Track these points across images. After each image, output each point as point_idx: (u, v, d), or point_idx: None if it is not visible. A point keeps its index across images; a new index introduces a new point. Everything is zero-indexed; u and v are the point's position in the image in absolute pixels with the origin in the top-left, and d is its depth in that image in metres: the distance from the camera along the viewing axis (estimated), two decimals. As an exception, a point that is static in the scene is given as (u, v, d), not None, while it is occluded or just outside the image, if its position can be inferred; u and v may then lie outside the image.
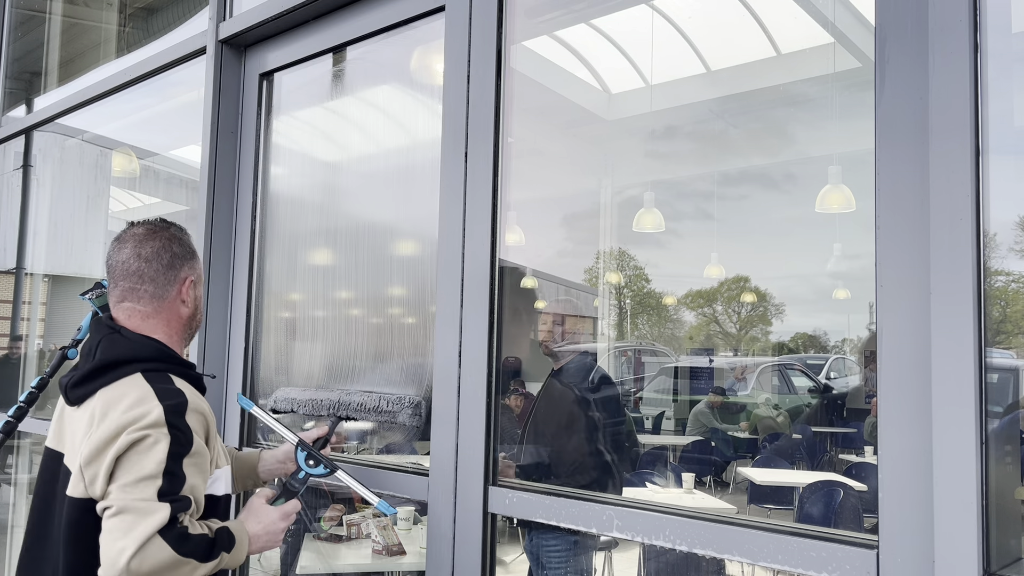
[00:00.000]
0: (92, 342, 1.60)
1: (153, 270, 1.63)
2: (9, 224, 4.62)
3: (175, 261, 1.66)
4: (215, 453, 1.60)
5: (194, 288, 1.69)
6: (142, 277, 1.63)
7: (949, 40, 1.31)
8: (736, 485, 5.62)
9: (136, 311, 1.63)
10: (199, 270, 1.73)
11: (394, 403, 2.17)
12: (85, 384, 1.54)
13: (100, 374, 1.53)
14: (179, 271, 1.66)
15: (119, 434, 1.43)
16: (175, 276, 1.66)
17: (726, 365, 6.81)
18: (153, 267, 1.63)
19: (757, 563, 1.49)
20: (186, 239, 1.73)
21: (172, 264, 1.65)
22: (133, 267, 1.63)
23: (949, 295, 1.27)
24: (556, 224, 4.23)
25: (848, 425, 6.21)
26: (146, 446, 1.43)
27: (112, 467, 1.42)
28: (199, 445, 1.50)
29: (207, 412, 1.56)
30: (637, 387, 6.68)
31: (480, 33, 2.06)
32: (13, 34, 4.53)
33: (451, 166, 2.08)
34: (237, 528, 1.59)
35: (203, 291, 1.77)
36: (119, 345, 1.56)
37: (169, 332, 1.66)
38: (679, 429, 6.40)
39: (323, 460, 1.83)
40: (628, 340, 6.60)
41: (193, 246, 1.74)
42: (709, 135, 4.79)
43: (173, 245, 1.67)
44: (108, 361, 1.54)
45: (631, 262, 5.83)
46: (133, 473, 1.41)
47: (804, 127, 4.41)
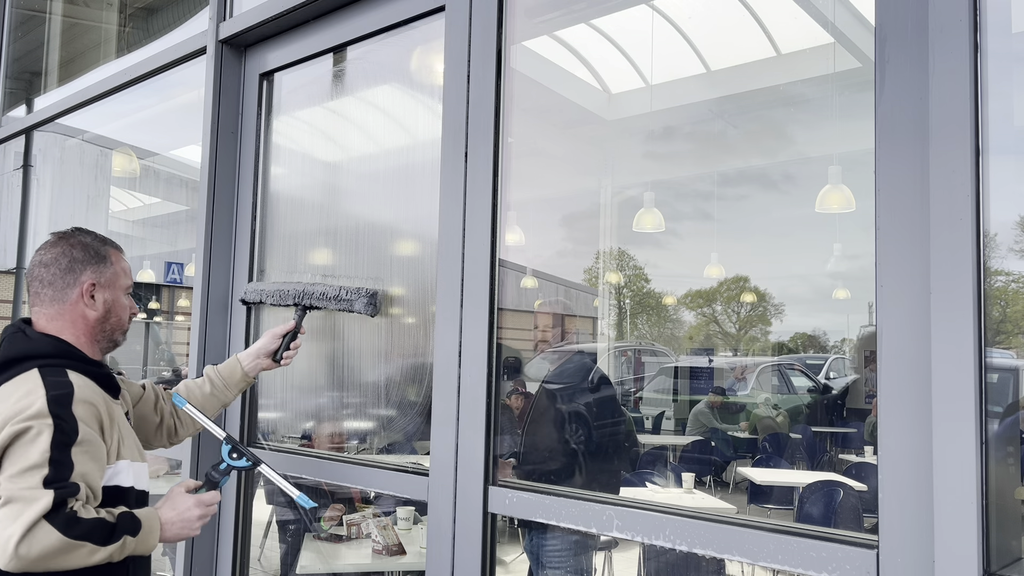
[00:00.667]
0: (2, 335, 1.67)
1: (51, 275, 1.70)
2: (9, 224, 4.62)
3: (74, 265, 1.71)
4: (113, 445, 1.63)
5: (102, 291, 1.73)
6: (42, 282, 1.71)
7: (949, 40, 1.31)
8: (736, 485, 5.62)
9: (41, 314, 1.72)
10: (108, 274, 1.75)
11: (352, 292, 2.30)
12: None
13: (1, 371, 1.60)
14: (79, 275, 1.71)
15: (3, 427, 1.49)
16: (74, 280, 1.71)
17: (726, 365, 6.82)
18: (51, 272, 1.71)
19: (757, 563, 1.49)
20: (94, 245, 1.75)
21: (71, 268, 1.71)
22: (36, 273, 1.72)
23: (949, 295, 1.27)
24: (556, 224, 4.24)
25: (848, 425, 6.21)
26: (30, 437, 1.48)
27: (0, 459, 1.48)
28: (88, 434, 1.54)
29: (100, 404, 1.60)
30: (637, 387, 6.68)
31: (480, 33, 2.06)
32: (13, 34, 4.53)
33: (451, 166, 2.08)
34: (146, 514, 1.62)
35: (119, 296, 1.75)
36: (19, 343, 1.65)
37: (76, 333, 1.71)
38: (679, 429, 6.41)
39: (247, 454, 1.84)
40: (628, 340, 6.60)
41: (104, 252, 1.76)
42: (709, 135, 4.79)
43: (74, 251, 1.72)
44: (9, 357, 1.62)
45: (631, 262, 5.83)
46: (19, 464, 1.47)
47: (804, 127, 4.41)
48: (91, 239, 1.76)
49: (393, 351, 2.40)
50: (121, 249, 1.85)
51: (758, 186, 5.08)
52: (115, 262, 1.78)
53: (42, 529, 1.43)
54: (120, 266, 1.79)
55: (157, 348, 6.25)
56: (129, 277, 1.82)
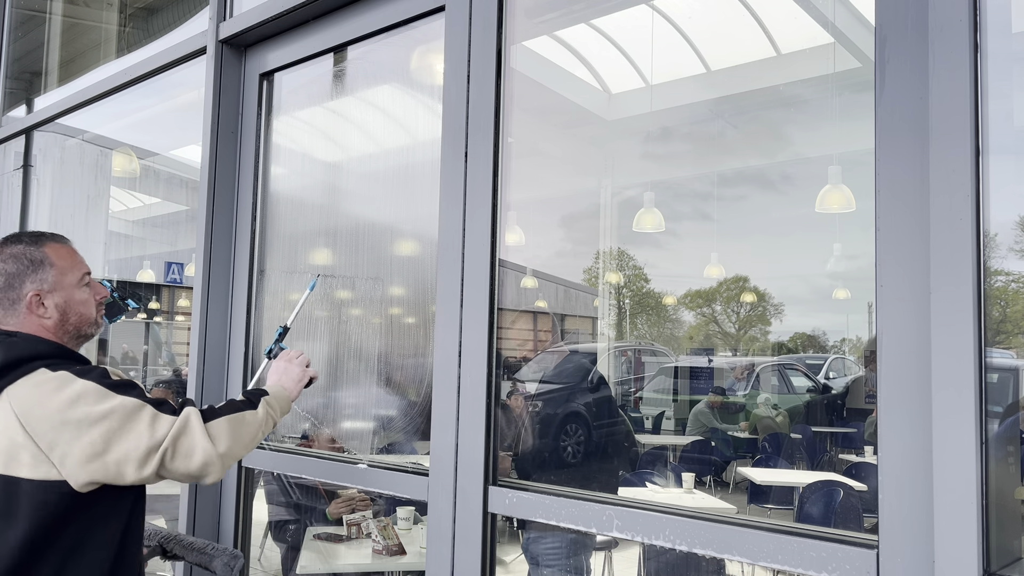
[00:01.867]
0: None
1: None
2: (9, 224, 4.62)
3: (12, 281, 1.61)
4: None
5: (50, 297, 1.63)
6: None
7: (949, 40, 1.31)
8: (736, 485, 5.62)
9: (9, 325, 1.64)
10: (50, 278, 1.64)
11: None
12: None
13: (3, 374, 1.53)
14: (20, 289, 1.61)
15: (87, 420, 1.49)
16: (17, 295, 1.61)
17: (725, 365, 6.82)
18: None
19: (757, 563, 1.49)
20: (26, 252, 1.63)
21: (10, 284, 1.61)
22: None
23: (949, 295, 1.27)
24: (556, 224, 4.24)
25: (848, 425, 6.21)
26: (120, 414, 1.51)
27: (108, 443, 1.49)
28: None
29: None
30: (637, 387, 6.68)
31: (480, 33, 2.06)
32: (13, 34, 4.53)
33: (451, 166, 2.08)
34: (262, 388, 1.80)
35: (71, 293, 1.67)
36: (18, 346, 1.57)
37: (47, 337, 1.64)
38: (679, 429, 6.40)
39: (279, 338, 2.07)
40: (627, 340, 6.60)
41: (39, 255, 1.64)
42: (709, 135, 4.79)
43: (6, 265, 1.62)
44: (10, 360, 1.54)
45: (630, 262, 5.83)
46: (136, 429, 1.51)
47: (804, 127, 4.41)
48: (23, 245, 1.63)
49: (393, 351, 2.40)
50: (61, 239, 1.71)
51: (758, 186, 5.08)
52: (55, 260, 1.65)
53: (211, 427, 1.59)
54: (62, 263, 1.66)
55: (157, 348, 6.25)
56: (77, 267, 1.70)
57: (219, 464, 1.59)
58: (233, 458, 1.64)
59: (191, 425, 1.58)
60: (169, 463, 1.54)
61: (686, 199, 5.35)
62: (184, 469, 1.56)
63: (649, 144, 4.94)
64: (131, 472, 1.51)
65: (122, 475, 1.51)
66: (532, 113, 2.32)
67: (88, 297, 1.69)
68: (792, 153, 4.71)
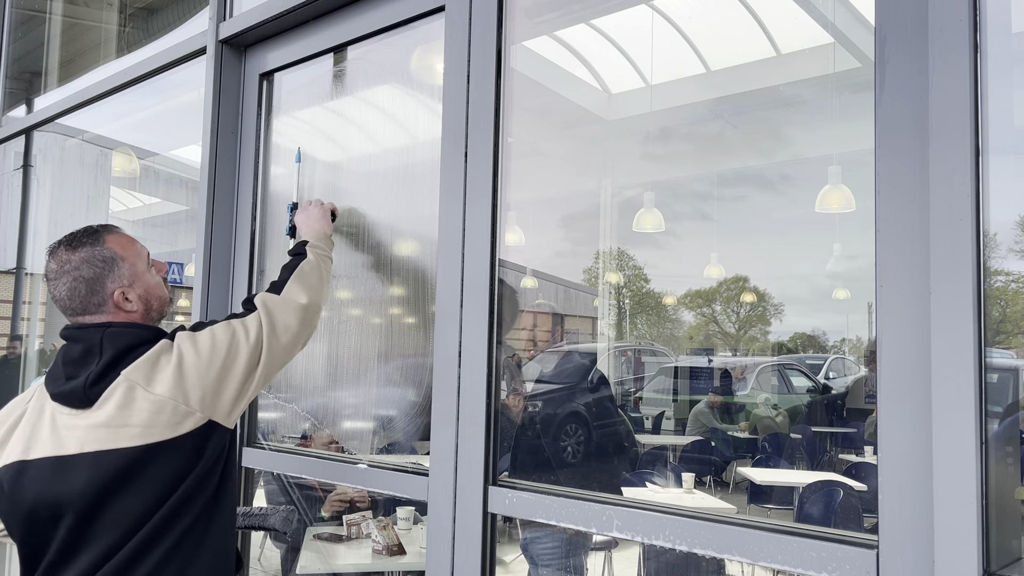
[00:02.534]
0: (85, 344, 1.61)
1: (81, 304, 1.64)
2: (9, 224, 4.62)
3: (94, 286, 1.64)
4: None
5: (132, 290, 1.67)
6: (75, 311, 1.65)
7: (949, 40, 1.31)
8: (736, 485, 5.62)
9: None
10: (126, 271, 1.67)
11: None
12: (105, 376, 1.56)
13: (119, 361, 1.58)
14: (102, 293, 1.65)
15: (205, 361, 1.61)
16: (103, 298, 1.65)
17: (726, 365, 6.82)
18: (77, 301, 1.64)
19: (757, 563, 1.49)
20: (95, 253, 1.65)
21: (92, 290, 1.64)
22: (65, 305, 1.66)
23: (949, 295, 1.27)
24: (556, 224, 4.24)
25: (848, 425, 6.21)
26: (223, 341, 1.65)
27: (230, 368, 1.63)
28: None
29: None
30: (637, 387, 6.67)
31: (480, 33, 2.06)
32: (13, 34, 4.53)
33: (451, 166, 2.08)
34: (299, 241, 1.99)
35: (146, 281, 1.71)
36: (126, 335, 1.62)
37: (140, 323, 1.70)
38: (679, 429, 6.40)
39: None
40: (627, 340, 6.60)
41: (107, 253, 1.66)
42: (708, 135, 4.79)
43: (82, 271, 1.64)
44: (120, 349, 1.59)
45: (630, 262, 5.83)
46: (240, 344, 1.65)
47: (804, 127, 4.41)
48: (87, 248, 1.66)
49: (393, 351, 2.40)
50: (114, 229, 1.74)
51: (757, 186, 5.08)
52: (123, 253, 1.68)
53: (286, 294, 1.79)
54: (128, 253, 1.69)
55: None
56: (140, 252, 1.73)
57: (311, 314, 1.79)
58: (318, 304, 1.83)
59: (270, 306, 1.74)
60: (277, 345, 1.70)
61: (686, 199, 5.35)
62: (290, 341, 1.73)
63: (649, 144, 4.94)
64: (258, 375, 1.67)
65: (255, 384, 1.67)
66: (532, 113, 2.32)
67: (159, 280, 1.77)
68: (792, 153, 4.71)
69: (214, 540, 1.62)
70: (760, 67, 4.28)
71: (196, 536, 1.58)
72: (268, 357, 1.68)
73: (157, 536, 1.53)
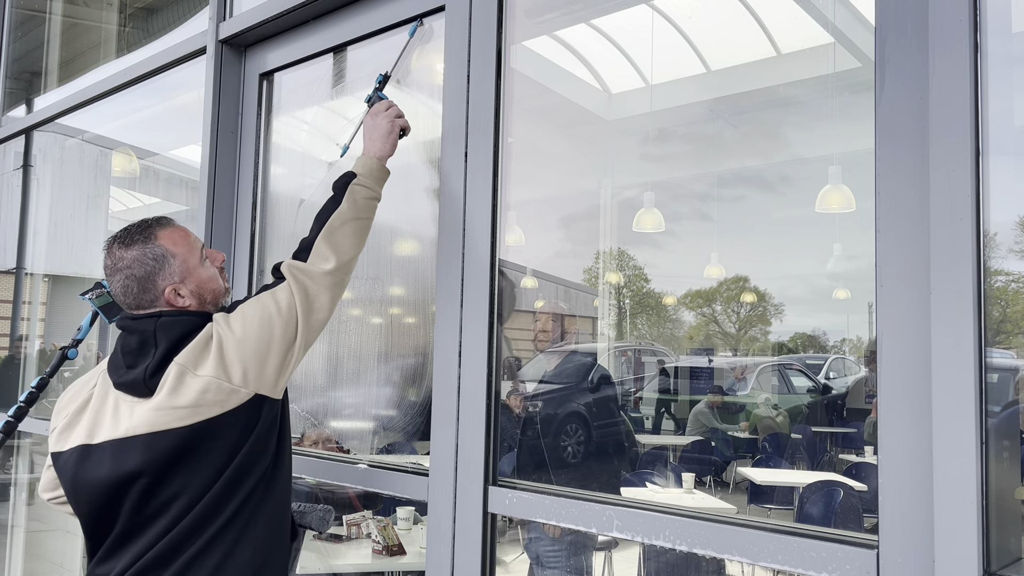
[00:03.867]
0: (140, 336, 1.66)
1: (136, 300, 1.69)
2: (9, 224, 4.62)
3: (146, 284, 1.68)
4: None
5: (185, 286, 1.70)
6: (130, 306, 1.70)
7: (949, 40, 1.31)
8: (736, 485, 5.62)
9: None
10: (177, 268, 1.69)
11: None
12: (162, 366, 1.61)
13: (174, 351, 1.62)
14: (154, 290, 1.68)
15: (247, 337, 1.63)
16: (156, 295, 1.68)
17: (726, 365, 6.81)
18: (131, 298, 1.69)
19: (757, 563, 1.49)
20: (145, 251, 1.68)
21: (145, 288, 1.68)
22: (122, 301, 1.71)
23: (949, 295, 1.27)
24: (556, 224, 4.24)
25: (848, 425, 6.21)
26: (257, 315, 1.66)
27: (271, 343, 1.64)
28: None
29: None
30: (637, 387, 6.68)
31: (480, 33, 2.06)
32: (13, 34, 4.53)
33: (451, 166, 2.08)
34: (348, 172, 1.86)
35: (199, 275, 1.72)
36: (179, 323, 1.66)
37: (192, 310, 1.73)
38: (679, 429, 6.40)
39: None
40: (627, 340, 6.60)
41: (159, 251, 1.68)
42: (708, 135, 4.79)
43: (134, 270, 1.67)
44: (175, 338, 1.63)
45: (631, 262, 5.83)
46: (273, 319, 1.65)
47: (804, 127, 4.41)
48: (139, 246, 1.68)
49: (393, 351, 2.40)
50: (167, 222, 1.75)
51: (757, 186, 5.08)
52: (174, 249, 1.70)
53: (313, 258, 1.73)
54: (180, 249, 1.71)
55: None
56: (193, 246, 1.74)
57: (341, 275, 1.73)
58: (349, 263, 1.76)
59: (298, 276, 1.70)
60: (311, 313, 1.68)
61: (686, 199, 5.35)
62: (324, 307, 1.70)
63: (649, 144, 4.94)
64: (299, 342, 1.67)
65: (297, 352, 1.67)
66: (532, 113, 2.32)
67: (213, 271, 1.77)
68: (791, 153, 4.71)
69: (272, 508, 1.67)
70: (760, 67, 4.28)
71: (254, 505, 1.62)
72: (305, 326, 1.68)
73: (216, 508, 1.58)
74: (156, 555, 1.56)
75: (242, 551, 1.60)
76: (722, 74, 4.52)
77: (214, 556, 1.57)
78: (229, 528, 1.59)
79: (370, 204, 1.83)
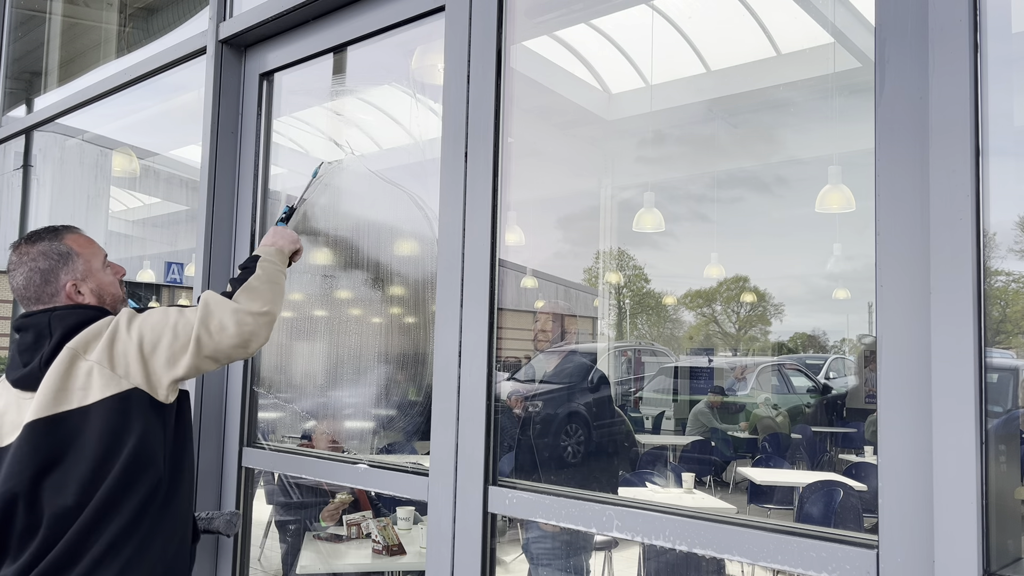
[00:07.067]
0: (36, 331, 1.72)
1: (36, 292, 1.76)
2: (9, 224, 4.62)
3: (47, 277, 1.77)
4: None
5: (84, 284, 1.79)
6: (30, 299, 1.78)
7: (949, 40, 1.31)
8: (736, 485, 5.62)
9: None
10: (80, 267, 1.79)
11: None
12: (56, 354, 1.67)
13: (68, 338, 1.68)
14: (56, 283, 1.76)
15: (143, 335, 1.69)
16: (56, 288, 1.76)
17: (726, 365, 6.81)
18: (32, 290, 1.76)
19: (757, 563, 1.49)
20: (53, 247, 1.78)
21: (47, 280, 1.77)
22: (22, 294, 1.78)
23: (949, 295, 1.27)
24: (556, 224, 4.24)
25: (848, 425, 6.21)
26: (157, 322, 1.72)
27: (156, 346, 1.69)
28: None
29: None
30: (637, 387, 6.68)
31: (480, 33, 2.06)
32: (13, 34, 4.53)
33: (451, 166, 2.08)
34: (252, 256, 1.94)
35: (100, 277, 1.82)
36: (74, 314, 1.73)
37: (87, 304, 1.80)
38: (679, 429, 6.40)
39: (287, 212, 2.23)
40: (628, 340, 6.60)
41: (64, 248, 1.78)
42: (708, 135, 4.79)
43: (38, 263, 1.76)
44: (69, 326, 1.70)
45: (631, 262, 5.83)
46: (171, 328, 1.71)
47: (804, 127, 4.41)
48: (46, 242, 1.79)
49: (393, 351, 2.40)
50: (75, 229, 1.86)
51: (756, 186, 5.07)
52: (79, 249, 1.80)
53: (236, 295, 1.77)
54: (85, 251, 1.82)
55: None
56: (97, 252, 1.85)
57: (253, 321, 1.75)
58: (265, 313, 1.79)
59: (210, 303, 1.74)
60: (208, 340, 1.71)
61: (685, 199, 5.35)
62: (225, 340, 1.72)
63: (650, 144, 4.94)
64: (185, 360, 1.70)
65: (187, 363, 1.70)
66: (532, 113, 2.32)
67: (113, 278, 1.87)
68: (791, 153, 4.71)
69: (179, 507, 1.75)
70: (760, 67, 4.28)
71: (159, 504, 1.68)
72: (196, 348, 1.70)
73: (114, 503, 1.62)
74: (59, 555, 1.58)
75: (151, 551, 1.66)
76: (722, 74, 4.53)
77: (123, 554, 1.62)
78: (135, 527, 1.64)
79: (279, 274, 1.92)
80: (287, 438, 2.65)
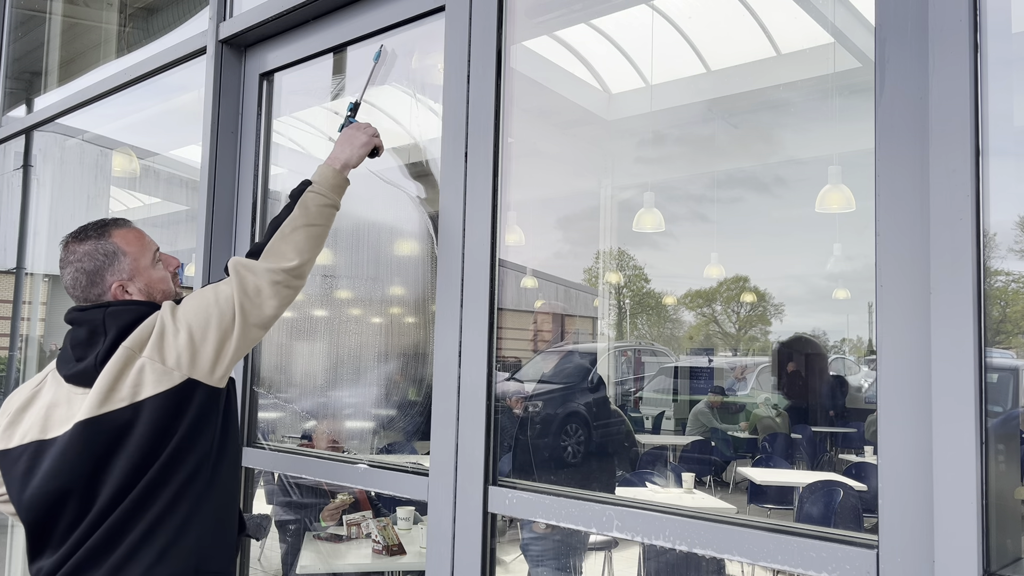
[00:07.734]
0: (89, 326, 1.69)
1: (84, 293, 1.74)
2: (9, 224, 4.62)
3: (94, 278, 1.73)
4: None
5: (132, 284, 1.75)
6: (78, 299, 1.75)
7: (949, 40, 1.31)
8: (736, 485, 5.62)
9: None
10: (127, 266, 1.75)
11: None
12: (112, 353, 1.64)
13: (123, 337, 1.65)
14: (102, 285, 1.73)
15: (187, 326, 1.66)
16: (103, 290, 1.73)
17: (726, 365, 6.81)
18: (79, 291, 1.74)
19: (757, 563, 1.49)
20: (97, 247, 1.74)
21: (92, 282, 1.73)
22: (71, 293, 1.76)
23: (949, 295, 1.27)
24: (556, 224, 4.24)
25: (848, 425, 6.21)
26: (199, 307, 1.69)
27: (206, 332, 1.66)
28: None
29: None
30: (637, 387, 6.68)
31: (480, 33, 2.06)
32: (13, 34, 4.53)
33: (451, 166, 2.08)
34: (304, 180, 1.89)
35: (148, 274, 1.77)
36: (126, 313, 1.70)
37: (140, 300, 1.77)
38: (679, 429, 6.40)
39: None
40: (628, 340, 6.60)
41: (110, 247, 1.74)
42: (708, 135, 4.79)
43: (84, 264, 1.73)
44: (124, 325, 1.66)
45: (631, 262, 5.83)
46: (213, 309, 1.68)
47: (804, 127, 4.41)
48: (92, 241, 1.74)
49: (393, 351, 2.40)
50: (124, 223, 1.81)
51: (757, 186, 5.07)
52: (126, 248, 1.75)
53: (265, 258, 1.73)
54: (132, 248, 1.76)
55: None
56: (147, 248, 1.80)
57: (290, 277, 1.73)
58: (299, 266, 1.75)
59: (241, 271, 1.71)
60: (251, 308, 1.69)
61: (685, 199, 5.35)
62: (265, 303, 1.71)
63: (650, 144, 4.94)
64: (235, 334, 1.68)
65: (235, 342, 1.68)
66: (532, 113, 2.32)
67: (164, 273, 1.82)
68: (791, 153, 4.71)
69: (218, 498, 1.70)
70: (760, 67, 4.28)
71: (197, 492, 1.65)
72: (242, 318, 1.69)
73: (152, 493, 1.61)
74: (97, 542, 1.58)
75: (186, 537, 1.63)
76: (722, 74, 4.53)
77: (158, 541, 1.60)
78: (172, 513, 1.62)
79: (324, 212, 1.85)
80: (287, 438, 2.65)
